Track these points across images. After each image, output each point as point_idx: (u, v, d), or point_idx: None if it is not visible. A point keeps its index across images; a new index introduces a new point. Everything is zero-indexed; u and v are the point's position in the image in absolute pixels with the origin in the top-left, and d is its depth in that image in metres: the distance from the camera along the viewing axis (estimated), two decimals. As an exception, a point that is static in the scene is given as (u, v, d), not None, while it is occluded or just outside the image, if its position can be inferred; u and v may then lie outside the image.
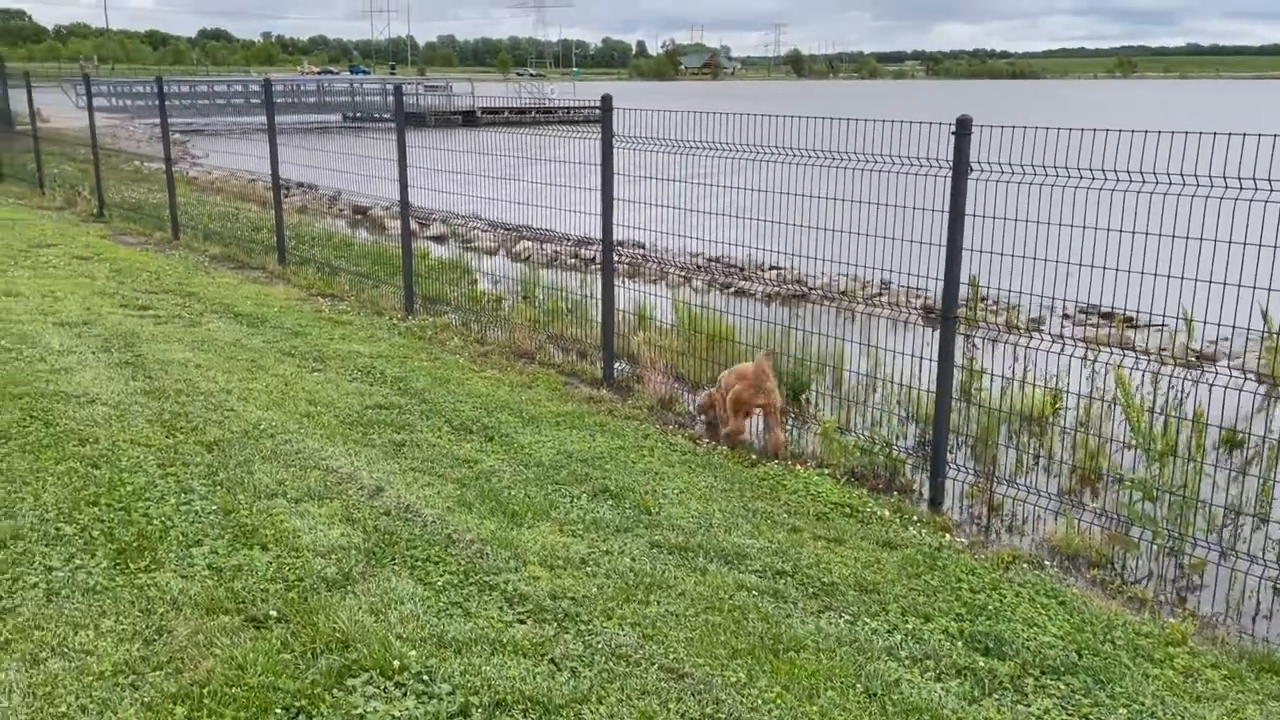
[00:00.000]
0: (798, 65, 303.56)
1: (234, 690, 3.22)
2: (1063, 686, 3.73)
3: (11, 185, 18.09)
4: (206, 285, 10.10)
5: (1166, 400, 6.21)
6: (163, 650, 3.43)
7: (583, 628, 3.82)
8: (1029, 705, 3.58)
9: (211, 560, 4.11)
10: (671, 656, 3.67)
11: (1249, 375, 6.41)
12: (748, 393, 6.36)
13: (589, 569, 4.34)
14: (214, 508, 4.62)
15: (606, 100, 7.40)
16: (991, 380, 6.94)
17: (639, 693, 3.42)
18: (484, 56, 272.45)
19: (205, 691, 3.21)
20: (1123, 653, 4.02)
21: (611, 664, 3.58)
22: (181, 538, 4.29)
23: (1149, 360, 7.35)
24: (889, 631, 4.02)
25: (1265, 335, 7.28)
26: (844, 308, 10.26)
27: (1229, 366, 8.16)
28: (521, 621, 3.84)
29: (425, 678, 3.37)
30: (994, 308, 10.40)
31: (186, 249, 12.54)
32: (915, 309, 10.28)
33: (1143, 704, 3.65)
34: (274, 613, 3.71)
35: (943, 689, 3.62)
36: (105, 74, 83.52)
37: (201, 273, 10.94)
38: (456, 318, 9.65)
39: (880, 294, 11.34)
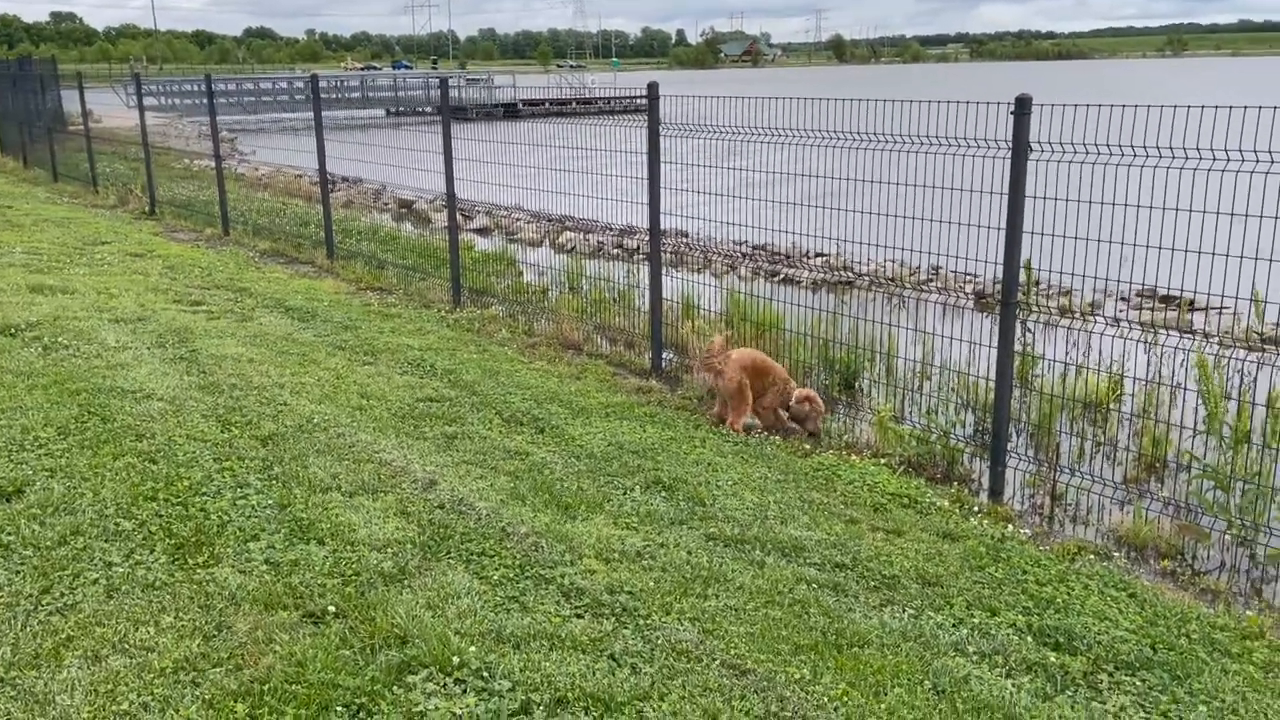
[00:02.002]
0: (839, 51, 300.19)
1: (295, 687, 3.20)
2: (1138, 683, 3.60)
3: (66, 184, 18.41)
4: (257, 280, 10.19)
5: (1238, 385, 6.00)
6: (223, 646, 3.43)
7: (641, 623, 3.76)
8: (1104, 702, 3.47)
9: (269, 555, 4.11)
10: (733, 652, 3.60)
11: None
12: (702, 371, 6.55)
13: (645, 562, 4.28)
14: (270, 502, 4.62)
15: (653, 88, 7.31)
16: (1050, 366, 6.77)
17: (701, 690, 3.35)
18: (524, 49, 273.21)
19: (266, 688, 3.19)
20: (1199, 647, 3.88)
21: (672, 660, 3.52)
22: (239, 532, 4.29)
23: (1212, 343, 7.13)
24: (954, 626, 3.92)
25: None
26: (893, 294, 10.10)
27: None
28: (579, 616, 3.79)
29: (485, 674, 3.34)
30: (1048, 292, 10.17)
31: (236, 245, 12.67)
32: (968, 294, 10.08)
33: (1223, 700, 3.52)
34: (332, 608, 3.70)
35: (1014, 685, 3.52)
36: (154, 74, 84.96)
37: (252, 268, 11.04)
38: (503, 310, 9.64)
39: (930, 279, 11.14)
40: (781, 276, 12.25)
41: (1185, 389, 6.15)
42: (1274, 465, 5.29)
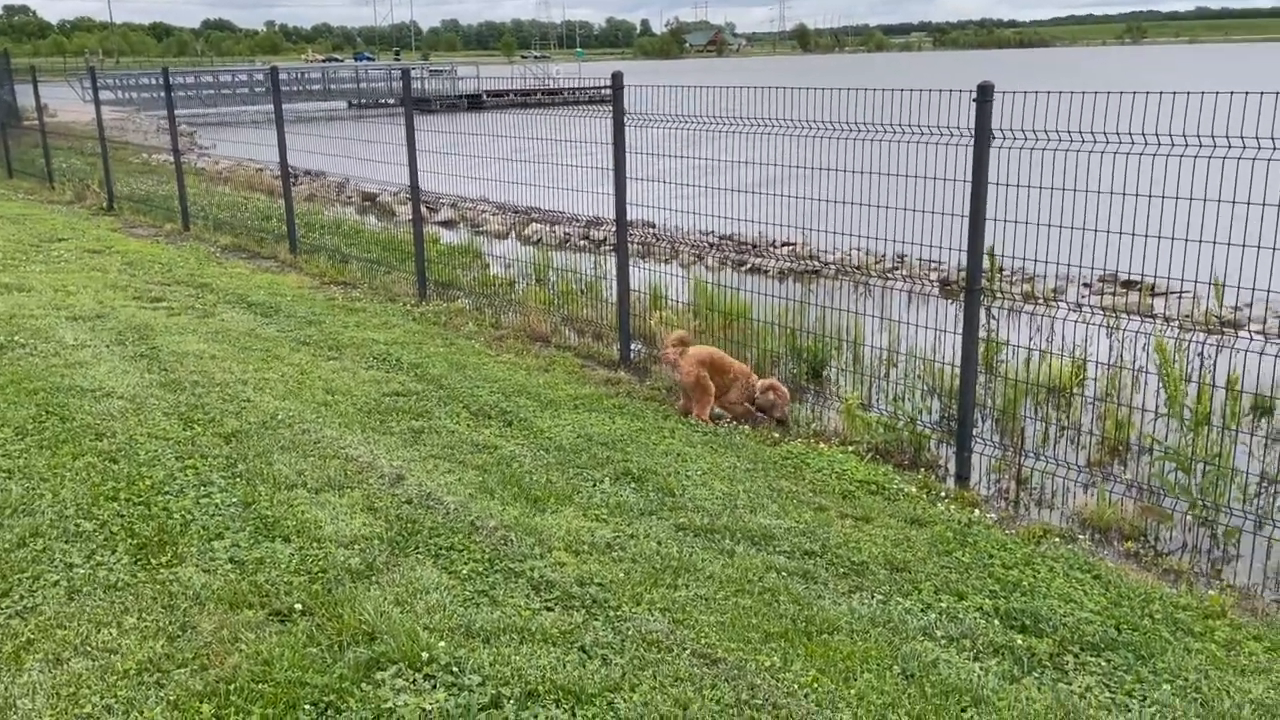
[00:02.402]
0: (804, 40, 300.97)
1: (261, 686, 3.17)
2: (1103, 663, 3.65)
3: (21, 180, 18.07)
4: (219, 276, 10.05)
5: (1199, 368, 6.09)
6: (187, 647, 3.38)
7: (611, 614, 3.76)
8: (1070, 683, 3.51)
9: (233, 553, 4.06)
10: (703, 642, 3.60)
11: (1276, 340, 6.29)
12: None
13: (615, 554, 4.27)
14: (234, 500, 4.56)
15: (617, 78, 7.28)
16: (1014, 352, 6.83)
17: (672, 680, 3.35)
18: (488, 40, 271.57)
19: (232, 688, 3.15)
20: (1162, 627, 3.93)
21: (642, 651, 3.52)
22: (202, 531, 4.24)
23: (1173, 327, 7.23)
24: (923, 610, 3.95)
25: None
26: (859, 282, 10.15)
27: (1251, 332, 8.03)
28: (549, 609, 3.78)
29: (454, 669, 3.32)
30: (1012, 278, 10.26)
31: (197, 240, 12.50)
32: (932, 281, 10.15)
33: (1186, 679, 3.57)
34: (299, 606, 3.66)
35: (981, 669, 3.55)
36: (110, 67, 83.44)
37: (213, 263, 10.90)
38: (470, 303, 9.57)
39: (896, 267, 11.21)
40: (748, 266, 12.28)
41: (1147, 372, 6.23)
42: (1234, 446, 5.38)
